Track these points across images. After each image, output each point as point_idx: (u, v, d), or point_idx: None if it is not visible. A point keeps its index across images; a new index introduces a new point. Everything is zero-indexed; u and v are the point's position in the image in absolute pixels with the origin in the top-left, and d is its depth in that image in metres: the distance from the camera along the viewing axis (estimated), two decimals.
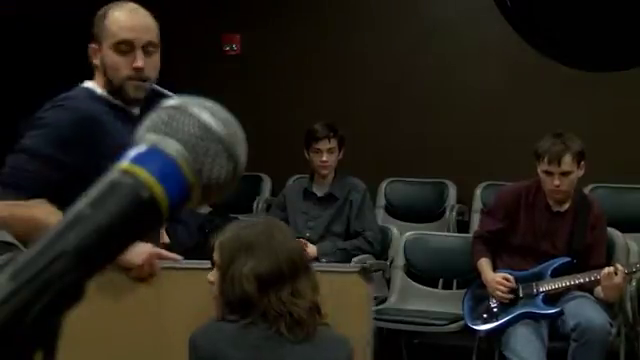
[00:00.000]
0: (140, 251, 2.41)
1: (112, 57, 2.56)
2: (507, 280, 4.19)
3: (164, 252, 2.47)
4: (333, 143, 4.90)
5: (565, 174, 4.08)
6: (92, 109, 2.59)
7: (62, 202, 2.34)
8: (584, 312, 4.00)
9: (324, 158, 4.88)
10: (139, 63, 2.53)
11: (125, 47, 2.54)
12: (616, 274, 3.95)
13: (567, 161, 4.06)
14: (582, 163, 4.12)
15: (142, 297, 2.53)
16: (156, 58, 2.58)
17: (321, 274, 2.54)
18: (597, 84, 5.82)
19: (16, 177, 2.46)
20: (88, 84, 2.63)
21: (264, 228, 2.30)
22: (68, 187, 2.30)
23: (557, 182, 4.08)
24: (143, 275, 2.45)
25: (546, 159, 4.08)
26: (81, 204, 0.74)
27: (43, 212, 2.28)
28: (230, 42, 6.81)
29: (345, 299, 2.65)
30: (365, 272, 2.70)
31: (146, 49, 2.55)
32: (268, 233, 2.26)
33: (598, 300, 4.08)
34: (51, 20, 6.64)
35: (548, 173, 4.09)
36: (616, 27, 5.82)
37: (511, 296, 4.18)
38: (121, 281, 2.48)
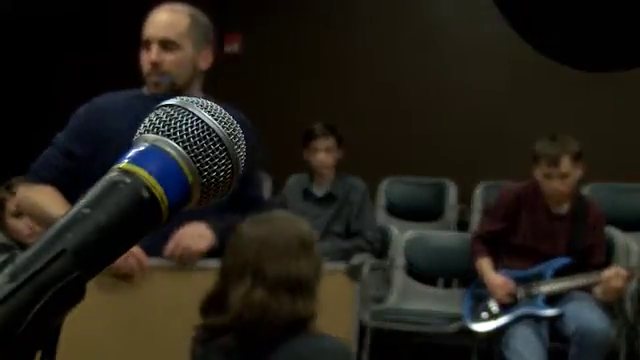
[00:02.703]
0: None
1: (142, 55, 2.65)
2: (506, 284, 4.19)
3: (139, 253, 2.47)
4: (331, 142, 4.90)
5: (564, 176, 4.07)
6: (113, 105, 2.64)
7: (77, 192, 2.51)
8: (585, 315, 4.00)
9: (321, 157, 4.88)
10: (151, 57, 2.60)
11: (147, 44, 2.63)
12: (617, 277, 3.95)
13: (565, 163, 4.06)
14: (580, 163, 4.12)
15: (148, 297, 2.51)
16: (180, 55, 2.62)
17: None
18: (597, 84, 5.81)
19: (38, 163, 2.66)
20: None
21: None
22: (83, 178, 2.45)
23: (557, 184, 4.08)
24: (120, 273, 2.46)
25: (544, 162, 4.07)
26: (80, 203, 0.74)
27: (44, 198, 2.55)
28: (230, 42, 6.81)
29: (329, 299, 2.52)
30: (353, 271, 2.55)
31: (165, 46, 2.61)
32: None
33: (597, 300, 4.08)
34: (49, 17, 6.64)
35: (547, 176, 4.09)
36: (616, 27, 5.82)
37: (511, 298, 4.18)
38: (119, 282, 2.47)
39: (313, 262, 1.96)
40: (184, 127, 0.79)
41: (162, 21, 2.65)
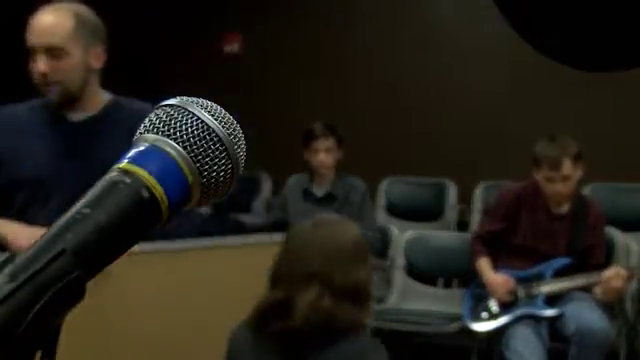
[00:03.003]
0: (29, 235, 2.31)
1: (30, 64, 2.53)
2: (507, 282, 4.19)
3: None
4: (331, 142, 4.90)
5: (566, 178, 4.08)
6: (14, 117, 2.60)
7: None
8: (585, 315, 4.00)
9: (321, 157, 4.88)
10: (38, 68, 2.48)
11: (32, 53, 2.51)
12: (617, 277, 3.95)
13: (567, 166, 4.06)
14: (580, 164, 4.12)
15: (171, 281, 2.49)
16: (68, 62, 2.49)
17: (264, 247, 2.38)
18: (597, 84, 5.81)
19: None
20: None
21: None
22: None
23: (559, 187, 4.07)
24: None
25: (546, 166, 4.07)
26: (80, 203, 0.74)
27: None
28: (230, 42, 6.81)
29: None
30: None
31: (52, 53, 2.47)
32: None
33: (597, 300, 4.08)
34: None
35: (549, 179, 4.09)
36: (616, 27, 5.81)
37: (512, 296, 4.18)
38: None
39: (367, 267, 2.05)
40: (184, 127, 0.79)
41: (45, 26, 2.48)
